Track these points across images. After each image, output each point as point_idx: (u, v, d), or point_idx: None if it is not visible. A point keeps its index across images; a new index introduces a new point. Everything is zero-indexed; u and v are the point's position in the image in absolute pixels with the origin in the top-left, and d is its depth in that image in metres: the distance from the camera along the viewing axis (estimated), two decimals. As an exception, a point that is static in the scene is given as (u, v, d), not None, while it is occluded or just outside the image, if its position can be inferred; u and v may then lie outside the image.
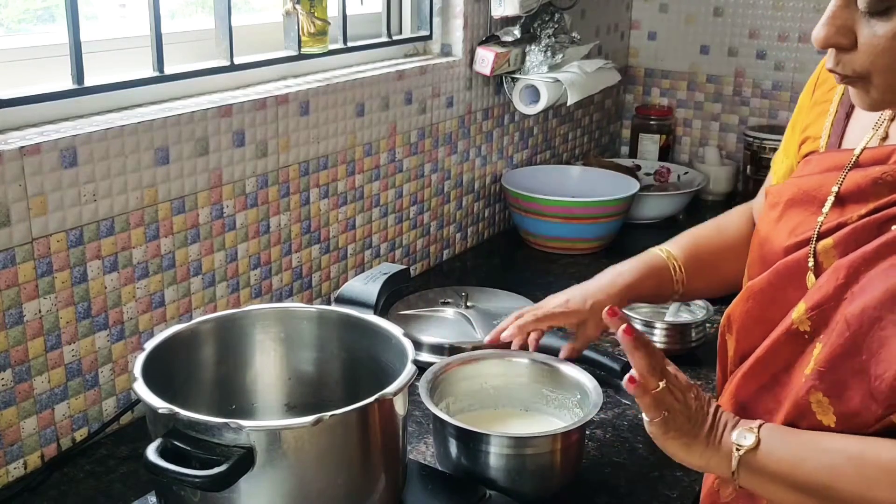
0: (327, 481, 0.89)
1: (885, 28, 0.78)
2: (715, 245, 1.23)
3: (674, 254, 1.22)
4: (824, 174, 0.94)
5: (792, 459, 0.86)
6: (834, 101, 1.00)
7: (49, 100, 1.16)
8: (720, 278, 1.22)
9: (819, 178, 0.95)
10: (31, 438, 1.15)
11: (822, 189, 0.93)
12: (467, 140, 1.90)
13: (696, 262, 1.22)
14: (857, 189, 0.90)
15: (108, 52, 1.29)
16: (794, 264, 0.93)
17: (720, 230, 1.25)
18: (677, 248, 1.23)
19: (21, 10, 1.29)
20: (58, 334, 1.15)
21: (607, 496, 1.12)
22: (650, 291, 1.22)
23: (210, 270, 1.35)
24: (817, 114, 1.02)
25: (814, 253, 0.91)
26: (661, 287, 1.21)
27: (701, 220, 2.29)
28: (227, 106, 1.32)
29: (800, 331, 0.89)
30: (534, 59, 1.91)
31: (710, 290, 1.28)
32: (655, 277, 1.21)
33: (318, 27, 1.51)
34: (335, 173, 1.55)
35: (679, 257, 1.22)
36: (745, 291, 0.98)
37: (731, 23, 2.40)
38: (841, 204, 0.91)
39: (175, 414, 0.86)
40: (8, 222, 1.07)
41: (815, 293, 0.88)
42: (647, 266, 1.21)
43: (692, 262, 1.22)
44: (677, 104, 2.53)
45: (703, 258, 1.23)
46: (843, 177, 0.91)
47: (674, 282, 1.21)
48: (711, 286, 1.26)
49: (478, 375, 1.21)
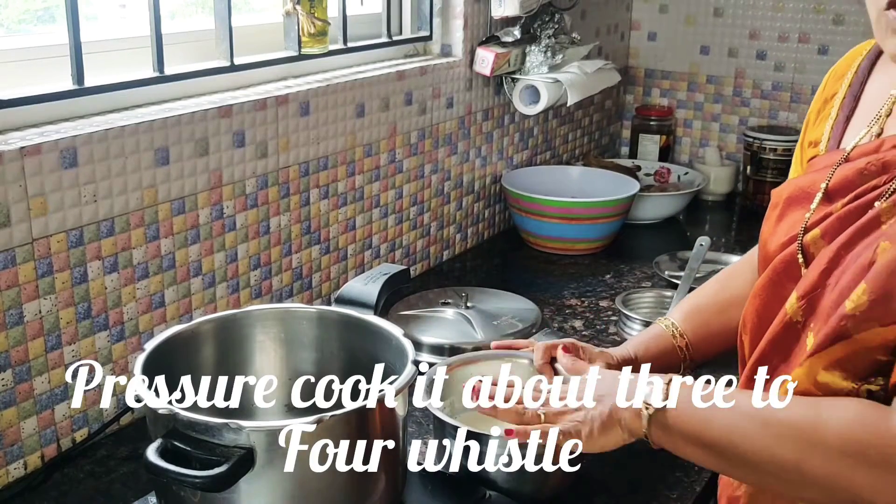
0: (327, 481, 0.89)
1: None
2: (720, 308, 1.20)
3: (677, 325, 1.20)
4: (818, 172, 0.96)
5: (701, 417, 0.86)
6: (835, 106, 1.01)
7: (49, 100, 1.16)
8: (728, 339, 1.18)
9: (813, 175, 0.96)
10: (32, 439, 1.15)
11: (814, 185, 0.94)
12: (467, 140, 1.90)
13: (701, 329, 1.19)
14: (845, 182, 0.91)
15: (108, 53, 1.29)
16: (788, 258, 0.94)
17: (725, 290, 1.22)
18: (681, 318, 1.20)
19: (21, 10, 1.29)
20: (58, 335, 1.15)
21: (607, 496, 1.12)
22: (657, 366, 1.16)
23: (210, 271, 1.35)
24: (820, 121, 1.03)
25: (801, 245, 0.92)
26: (668, 362, 1.18)
27: (701, 220, 2.31)
28: (227, 106, 1.32)
29: (793, 321, 0.90)
30: (534, 60, 1.91)
31: (719, 351, 1.23)
32: (661, 354, 1.18)
33: (318, 27, 1.51)
34: (335, 174, 1.55)
35: (682, 326, 1.19)
36: (753, 291, 0.99)
37: (731, 23, 2.40)
38: (829, 198, 0.92)
39: (175, 414, 0.86)
40: (8, 223, 1.07)
41: (804, 282, 0.89)
42: (653, 343, 1.19)
43: (697, 329, 1.19)
44: (677, 105, 2.53)
45: (708, 323, 1.20)
46: (833, 172, 0.93)
47: (680, 357, 1.18)
48: (720, 348, 1.22)
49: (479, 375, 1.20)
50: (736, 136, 2.45)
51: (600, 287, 1.75)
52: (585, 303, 1.68)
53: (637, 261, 1.88)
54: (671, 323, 1.20)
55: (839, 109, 1.00)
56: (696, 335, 1.19)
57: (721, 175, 2.35)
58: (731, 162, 2.41)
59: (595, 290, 1.74)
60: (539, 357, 1.14)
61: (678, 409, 0.88)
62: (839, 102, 1.01)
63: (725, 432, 0.85)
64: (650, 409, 0.89)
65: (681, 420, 0.87)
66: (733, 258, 1.86)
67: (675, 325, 1.20)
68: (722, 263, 1.80)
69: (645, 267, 1.84)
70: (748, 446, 0.83)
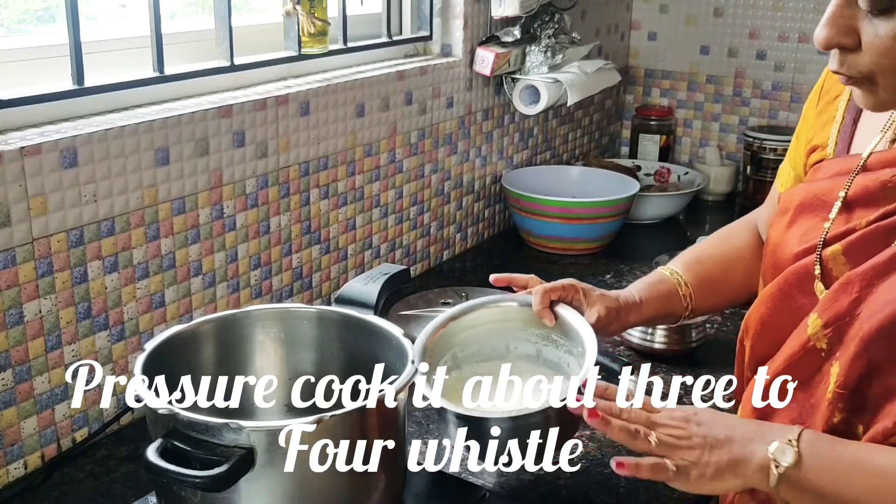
0: (327, 481, 0.89)
1: (887, 28, 0.75)
2: (720, 259, 1.20)
3: (679, 273, 1.18)
4: (833, 179, 0.93)
5: (836, 477, 0.81)
6: (840, 108, 0.99)
7: (49, 100, 1.16)
8: (728, 291, 1.20)
9: (828, 182, 0.93)
10: (32, 439, 1.15)
11: (832, 194, 0.92)
12: (467, 140, 1.90)
13: (702, 279, 1.18)
14: (866, 193, 0.88)
15: (108, 53, 1.29)
16: (802, 270, 0.92)
17: (723, 242, 1.22)
18: (682, 267, 1.19)
19: (21, 10, 1.29)
20: (58, 334, 1.15)
21: (607, 496, 1.12)
22: (660, 312, 1.18)
23: (210, 271, 1.35)
24: (823, 122, 1.01)
25: (820, 259, 0.89)
26: (671, 308, 1.18)
27: (701, 220, 2.31)
28: (227, 106, 1.32)
29: (816, 348, 0.87)
30: (534, 60, 1.91)
31: (719, 304, 1.25)
32: (664, 299, 1.17)
33: (318, 27, 1.51)
34: (335, 174, 1.55)
35: (685, 275, 1.18)
36: (759, 298, 0.97)
37: (731, 23, 2.40)
38: (848, 209, 0.90)
39: (175, 414, 0.86)
40: (8, 223, 1.07)
41: (830, 308, 0.86)
42: (655, 287, 1.17)
43: (698, 278, 1.18)
44: (677, 104, 2.53)
45: (709, 274, 1.19)
46: (851, 181, 0.90)
47: (684, 305, 1.17)
48: (719, 301, 1.23)
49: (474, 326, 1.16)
50: (736, 136, 2.45)
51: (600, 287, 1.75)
52: (585, 303, 1.67)
53: (637, 261, 1.88)
54: (674, 270, 1.19)
55: (845, 112, 0.97)
56: (698, 285, 1.17)
57: (721, 175, 2.35)
58: (731, 162, 2.41)
59: (595, 289, 1.74)
60: (538, 301, 1.11)
61: (810, 467, 0.81)
62: (844, 104, 0.98)
63: (862, 494, 0.80)
64: (780, 468, 0.82)
65: (814, 479, 0.81)
66: (733, 258, 1.86)
67: (678, 273, 1.18)
68: (722, 263, 1.80)
69: (645, 267, 1.84)
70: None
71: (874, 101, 0.82)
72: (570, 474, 1.15)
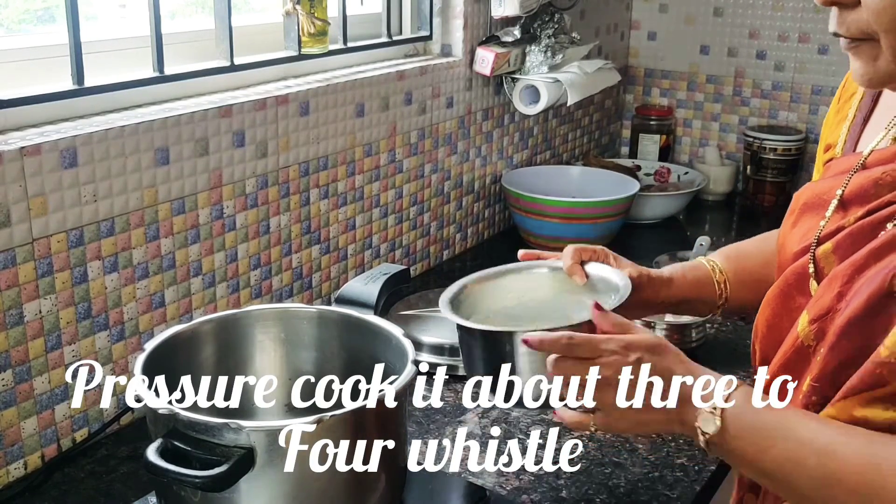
0: (327, 481, 0.89)
1: None
2: (759, 253, 1.18)
3: (716, 261, 1.17)
4: (835, 177, 0.92)
5: (757, 444, 0.82)
6: (853, 107, 0.98)
7: (49, 100, 1.16)
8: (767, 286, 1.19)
9: (830, 181, 0.93)
10: (32, 439, 1.15)
11: (831, 192, 0.91)
12: (467, 140, 1.90)
13: (739, 269, 1.17)
14: (860, 191, 0.88)
15: (108, 53, 1.29)
16: (799, 270, 0.92)
17: (765, 240, 1.20)
18: (720, 256, 1.19)
19: (21, 10, 1.29)
20: (58, 335, 1.15)
21: (607, 496, 1.12)
22: (692, 296, 1.16)
23: (210, 271, 1.35)
24: (838, 121, 1.00)
25: (813, 258, 0.89)
26: (704, 293, 1.16)
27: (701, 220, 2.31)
28: (227, 106, 1.32)
29: (804, 345, 0.87)
30: (534, 60, 1.91)
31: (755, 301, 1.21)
32: (696, 283, 1.15)
33: (318, 27, 1.51)
34: (335, 174, 1.55)
35: (722, 264, 1.17)
36: (765, 299, 0.97)
37: (731, 23, 2.40)
38: (843, 207, 0.89)
39: (175, 414, 0.86)
40: (8, 223, 1.07)
41: (816, 304, 0.86)
42: (689, 271, 1.16)
43: (736, 267, 1.17)
44: (677, 104, 2.53)
45: (747, 265, 1.17)
46: (849, 179, 0.89)
47: (717, 292, 1.16)
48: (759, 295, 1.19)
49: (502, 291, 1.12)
50: (736, 135, 2.45)
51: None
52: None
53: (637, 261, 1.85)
54: (711, 259, 1.18)
55: (857, 110, 0.97)
56: (736, 277, 1.15)
57: (721, 175, 2.35)
58: (731, 162, 2.41)
59: (595, 289, 1.74)
60: (569, 257, 1.10)
61: (733, 436, 0.83)
62: (857, 103, 0.97)
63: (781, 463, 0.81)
64: (706, 435, 0.84)
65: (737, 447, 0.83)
66: (733, 258, 1.86)
67: (714, 261, 1.17)
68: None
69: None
70: (801, 482, 0.80)
71: (873, 72, 0.79)
72: (570, 474, 1.15)
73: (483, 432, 1.24)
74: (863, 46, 0.78)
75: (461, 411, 1.30)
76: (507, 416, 1.29)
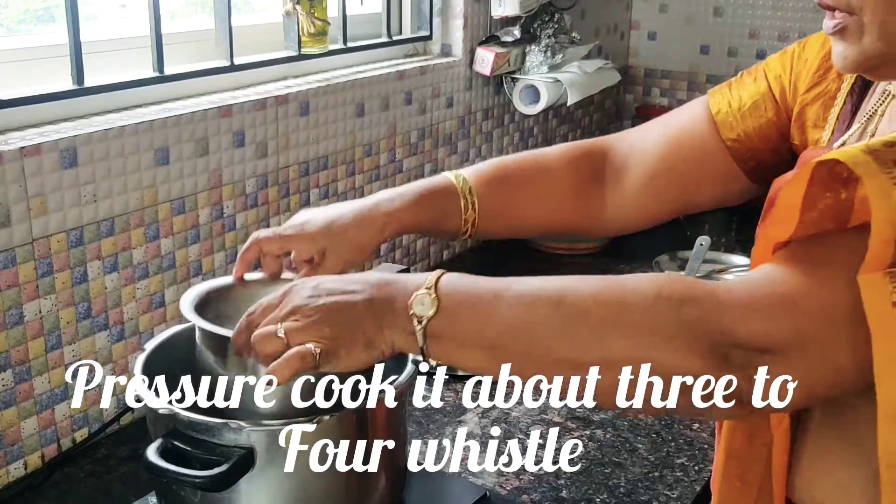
0: (327, 481, 0.89)
1: None
2: (525, 177, 1.04)
3: (468, 180, 1.01)
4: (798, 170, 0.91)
5: (481, 318, 0.72)
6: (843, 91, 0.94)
7: (49, 100, 1.16)
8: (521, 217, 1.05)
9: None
10: (32, 439, 1.15)
11: None
12: (467, 140, 1.90)
13: (495, 195, 1.02)
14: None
15: (108, 53, 1.29)
16: None
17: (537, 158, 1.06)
18: (474, 175, 1.02)
19: (21, 10, 1.29)
20: (58, 335, 1.15)
21: (607, 496, 1.12)
22: (427, 224, 1.00)
23: (210, 271, 1.35)
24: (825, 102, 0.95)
25: None
26: (443, 220, 1.00)
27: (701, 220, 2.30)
28: (227, 106, 1.32)
29: None
30: (534, 60, 1.91)
31: (509, 229, 1.09)
32: (436, 208, 0.99)
33: (318, 27, 1.51)
34: (335, 174, 1.55)
35: (475, 185, 1.01)
36: None
37: (731, 23, 2.40)
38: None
39: (175, 414, 0.86)
40: (8, 223, 1.07)
41: None
42: (429, 192, 0.99)
43: (491, 193, 1.02)
44: (677, 104, 2.52)
45: (505, 191, 1.02)
46: None
47: (462, 215, 1.01)
48: (510, 225, 1.06)
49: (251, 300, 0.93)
50: (736, 135, 2.45)
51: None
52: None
53: (637, 261, 1.88)
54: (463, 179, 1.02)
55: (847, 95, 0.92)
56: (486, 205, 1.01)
57: (721, 175, 2.35)
58: (731, 162, 2.41)
59: (595, 289, 1.74)
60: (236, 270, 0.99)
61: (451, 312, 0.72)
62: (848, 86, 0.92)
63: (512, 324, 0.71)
64: (423, 320, 0.72)
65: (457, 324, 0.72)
66: (733, 258, 1.86)
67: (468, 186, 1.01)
68: (722, 263, 1.80)
69: (645, 267, 1.84)
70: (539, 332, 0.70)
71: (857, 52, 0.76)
72: (570, 474, 1.15)
73: (483, 432, 1.24)
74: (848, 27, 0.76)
75: (461, 411, 1.30)
76: (507, 416, 1.29)
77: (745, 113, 1.01)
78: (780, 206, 0.68)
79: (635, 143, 1.09)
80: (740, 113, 1.01)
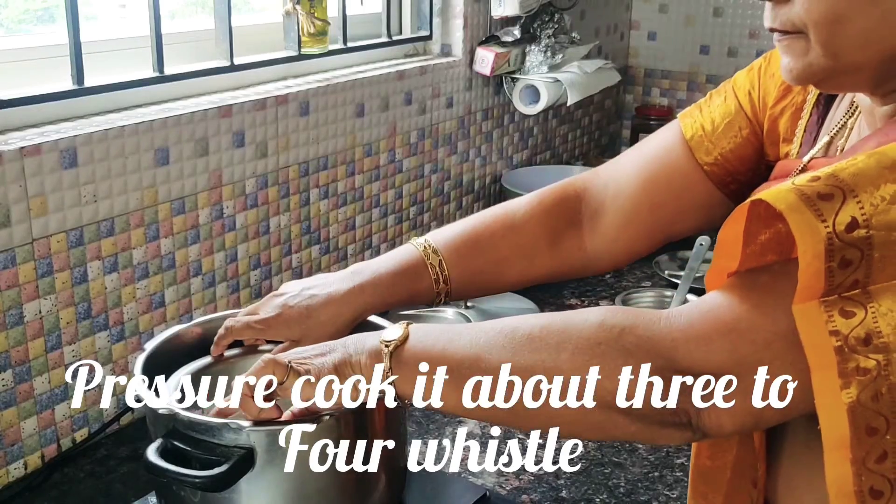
0: (327, 481, 0.89)
1: None
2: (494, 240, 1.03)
3: (438, 251, 1.01)
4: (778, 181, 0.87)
5: (443, 342, 0.77)
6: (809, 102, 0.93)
7: (49, 100, 1.16)
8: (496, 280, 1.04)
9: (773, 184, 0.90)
10: (32, 439, 1.15)
11: None
12: (467, 140, 1.90)
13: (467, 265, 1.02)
14: None
15: (108, 53, 1.29)
16: None
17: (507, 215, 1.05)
18: (444, 245, 1.01)
19: (21, 10, 1.30)
20: (58, 335, 1.15)
21: (607, 496, 1.12)
22: (401, 303, 1.02)
23: (210, 271, 1.35)
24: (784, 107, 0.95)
25: None
26: (416, 297, 1.01)
27: (701, 220, 2.30)
28: (227, 106, 1.32)
29: None
30: (534, 60, 1.91)
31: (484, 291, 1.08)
32: (408, 289, 1.00)
33: (318, 27, 1.51)
34: (335, 174, 1.55)
35: (445, 257, 1.01)
36: None
37: (731, 23, 2.40)
38: None
39: (175, 414, 0.86)
40: (8, 223, 1.07)
41: None
42: (401, 272, 1.00)
43: (462, 264, 1.01)
44: (677, 104, 2.53)
45: (476, 258, 1.02)
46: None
47: (434, 288, 1.01)
48: (485, 289, 1.07)
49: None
50: (736, 135, 2.45)
51: (600, 287, 1.76)
52: (586, 302, 1.68)
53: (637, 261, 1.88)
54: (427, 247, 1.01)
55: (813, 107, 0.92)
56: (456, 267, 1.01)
57: (721, 175, 2.35)
58: (731, 162, 2.41)
59: (595, 289, 1.74)
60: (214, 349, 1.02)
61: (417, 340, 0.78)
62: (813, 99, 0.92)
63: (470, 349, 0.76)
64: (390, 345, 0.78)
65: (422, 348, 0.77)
66: (733, 258, 1.85)
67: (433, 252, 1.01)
68: (722, 263, 1.79)
69: (645, 266, 1.84)
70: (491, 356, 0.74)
71: (802, 66, 0.76)
72: (570, 474, 1.15)
73: (483, 432, 1.24)
74: (794, 42, 0.76)
75: (461, 411, 1.30)
76: (507, 416, 1.29)
77: (719, 135, 0.99)
78: (722, 243, 0.70)
79: (609, 181, 1.07)
80: (714, 135, 1.00)
